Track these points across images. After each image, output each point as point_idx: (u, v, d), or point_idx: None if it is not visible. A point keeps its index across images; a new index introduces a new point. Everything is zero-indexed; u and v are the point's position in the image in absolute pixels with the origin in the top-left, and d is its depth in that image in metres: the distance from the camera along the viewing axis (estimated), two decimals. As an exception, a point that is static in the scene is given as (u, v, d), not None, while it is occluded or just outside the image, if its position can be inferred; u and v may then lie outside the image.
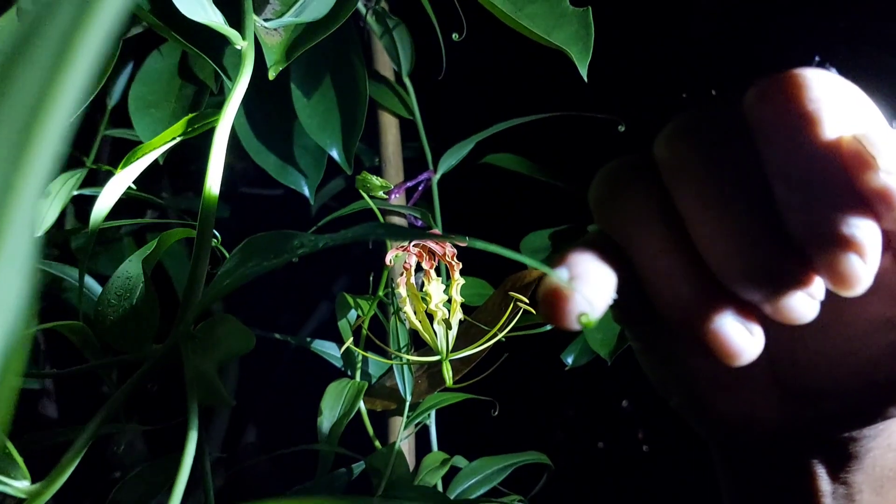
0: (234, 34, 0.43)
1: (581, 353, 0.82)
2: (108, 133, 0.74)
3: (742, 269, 0.25)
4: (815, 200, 0.24)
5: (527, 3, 0.51)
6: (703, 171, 0.26)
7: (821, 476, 0.32)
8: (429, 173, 0.81)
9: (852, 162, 0.24)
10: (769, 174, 0.25)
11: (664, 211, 0.27)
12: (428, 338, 0.57)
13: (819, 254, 0.24)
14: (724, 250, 0.25)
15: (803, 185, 0.25)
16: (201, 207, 0.38)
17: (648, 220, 0.27)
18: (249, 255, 0.31)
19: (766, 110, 0.25)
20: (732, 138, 0.26)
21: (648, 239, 0.27)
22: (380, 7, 0.75)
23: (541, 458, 0.74)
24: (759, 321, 0.26)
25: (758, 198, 0.25)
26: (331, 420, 0.62)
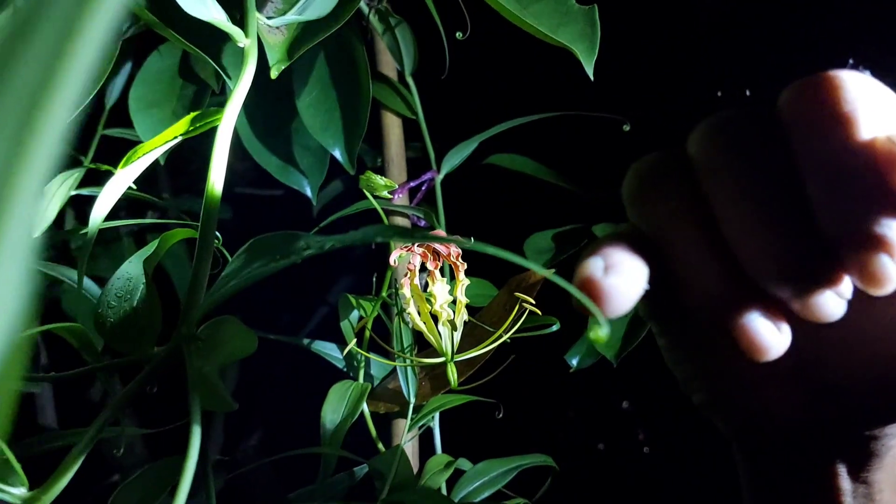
0: (238, 32, 0.42)
1: (586, 355, 0.82)
2: (107, 132, 0.74)
3: (773, 266, 0.25)
4: (847, 200, 0.25)
5: (532, 1, 0.50)
6: (737, 170, 0.26)
7: (841, 475, 0.32)
8: (432, 173, 0.80)
9: (885, 162, 0.24)
10: (803, 173, 0.26)
11: (697, 207, 0.27)
12: (432, 339, 0.57)
13: (850, 252, 0.24)
14: (755, 247, 0.26)
15: (836, 185, 0.25)
16: (203, 208, 0.37)
17: (681, 216, 0.27)
18: (255, 256, 0.30)
19: (801, 111, 0.26)
20: (767, 138, 0.26)
21: (681, 234, 0.27)
22: (382, 6, 0.75)
23: (546, 461, 0.74)
24: (786, 318, 0.26)
25: (790, 197, 0.26)
26: (333, 423, 0.61)
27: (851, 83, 0.25)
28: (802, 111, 0.26)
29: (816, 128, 0.26)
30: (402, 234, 0.26)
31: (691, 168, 0.28)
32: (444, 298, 0.55)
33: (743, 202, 0.26)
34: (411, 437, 0.70)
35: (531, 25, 0.49)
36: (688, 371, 0.33)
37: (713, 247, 0.27)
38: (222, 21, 0.41)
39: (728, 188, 0.26)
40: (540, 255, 0.84)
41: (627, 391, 1.24)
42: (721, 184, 0.27)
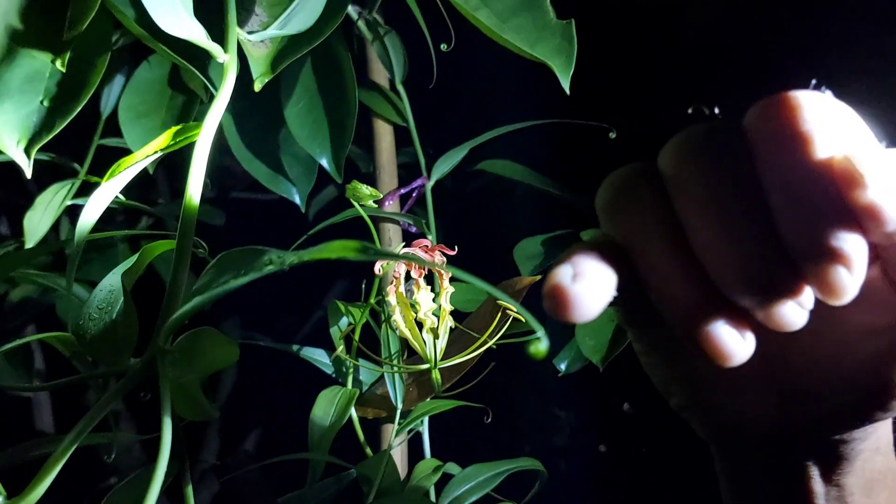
0: (217, 48, 0.43)
1: (574, 360, 0.82)
2: (103, 142, 0.75)
3: (737, 277, 0.26)
4: (807, 215, 0.26)
5: (512, 15, 0.51)
6: (704, 184, 0.27)
7: (814, 477, 0.34)
8: (422, 180, 0.81)
9: (842, 180, 0.25)
10: (766, 189, 0.27)
11: (666, 218, 0.28)
12: (417, 346, 0.57)
13: (809, 265, 0.25)
14: (720, 259, 0.27)
15: (797, 201, 0.26)
16: (181, 220, 0.38)
17: (652, 227, 0.28)
18: (223, 270, 0.31)
19: (763, 129, 0.27)
20: (733, 153, 0.28)
21: (651, 244, 0.28)
22: (371, 17, 0.76)
23: (534, 465, 0.74)
24: (751, 327, 0.27)
25: (754, 211, 0.27)
26: (321, 428, 0.62)
27: (810, 103, 0.26)
28: (764, 129, 0.27)
29: (777, 146, 0.27)
30: (363, 251, 0.27)
31: (661, 181, 0.29)
32: (429, 306, 0.56)
33: (709, 214, 0.27)
34: (400, 443, 0.71)
35: (509, 41, 0.50)
36: (663, 375, 0.35)
37: (681, 257, 0.27)
38: (200, 39, 0.42)
39: (695, 200, 0.27)
40: (529, 260, 0.85)
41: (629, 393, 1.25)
42: (688, 196, 0.28)
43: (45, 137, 0.52)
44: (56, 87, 0.53)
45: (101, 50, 0.54)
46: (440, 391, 0.59)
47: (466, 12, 0.50)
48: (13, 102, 0.53)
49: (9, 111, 0.53)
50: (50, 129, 0.52)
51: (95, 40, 0.54)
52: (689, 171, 0.28)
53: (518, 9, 0.50)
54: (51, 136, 0.52)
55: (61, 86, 0.53)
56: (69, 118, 0.53)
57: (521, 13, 0.50)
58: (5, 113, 0.52)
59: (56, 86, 0.53)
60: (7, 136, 0.52)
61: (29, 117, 0.53)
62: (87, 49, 0.53)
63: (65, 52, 0.47)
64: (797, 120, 0.26)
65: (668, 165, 0.29)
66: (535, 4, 0.50)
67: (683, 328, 0.27)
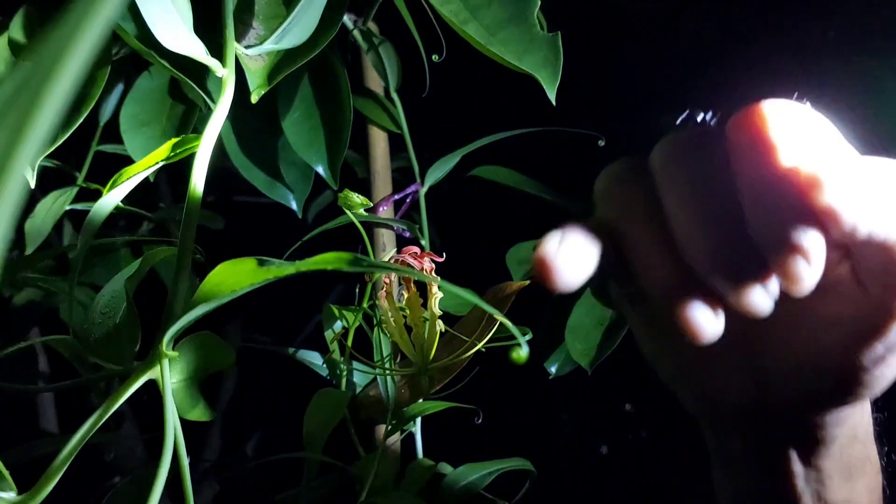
0: (215, 63, 0.45)
1: (564, 363, 0.84)
2: (101, 149, 0.76)
3: (710, 261, 0.29)
4: (773, 214, 0.29)
5: (500, 28, 0.52)
6: (687, 180, 0.31)
7: (793, 459, 0.37)
8: (416, 186, 0.83)
9: (805, 184, 0.28)
10: (739, 189, 0.30)
11: (653, 206, 0.31)
12: (407, 349, 0.59)
13: (774, 256, 0.28)
14: (697, 245, 0.30)
15: (764, 201, 0.29)
16: (181, 229, 0.40)
17: (640, 211, 0.32)
18: (224, 279, 0.33)
19: (738, 137, 0.30)
20: (714, 155, 0.31)
21: (638, 227, 0.32)
22: (365, 27, 0.77)
23: (524, 465, 0.76)
24: (722, 308, 0.30)
25: (729, 207, 0.30)
26: (315, 428, 0.63)
27: (782, 114, 0.30)
28: (739, 136, 0.30)
29: (748, 151, 0.30)
30: (355, 263, 0.28)
31: (651, 173, 0.32)
32: (418, 311, 0.57)
33: (689, 205, 0.30)
34: (392, 443, 0.72)
35: (497, 54, 0.51)
36: (653, 349, 0.38)
37: (663, 241, 0.31)
38: (199, 54, 0.44)
39: (678, 192, 0.31)
40: (521, 265, 0.86)
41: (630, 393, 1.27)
42: (672, 188, 0.31)
43: (46, 150, 0.54)
44: (59, 99, 0.55)
45: (101, 64, 0.56)
46: (431, 393, 0.61)
47: (456, 25, 0.52)
48: (17, 113, 0.55)
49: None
50: (51, 141, 0.54)
51: (95, 55, 0.55)
52: (676, 167, 0.31)
53: (505, 22, 0.51)
54: (52, 148, 0.54)
55: (64, 98, 0.55)
56: (70, 130, 0.55)
57: (509, 26, 0.51)
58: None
59: (59, 98, 0.55)
60: (12, 146, 0.54)
61: (33, 128, 0.54)
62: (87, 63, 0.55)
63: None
64: (767, 129, 0.30)
65: (657, 160, 0.32)
66: (522, 18, 0.52)
67: (662, 304, 0.30)
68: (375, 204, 0.82)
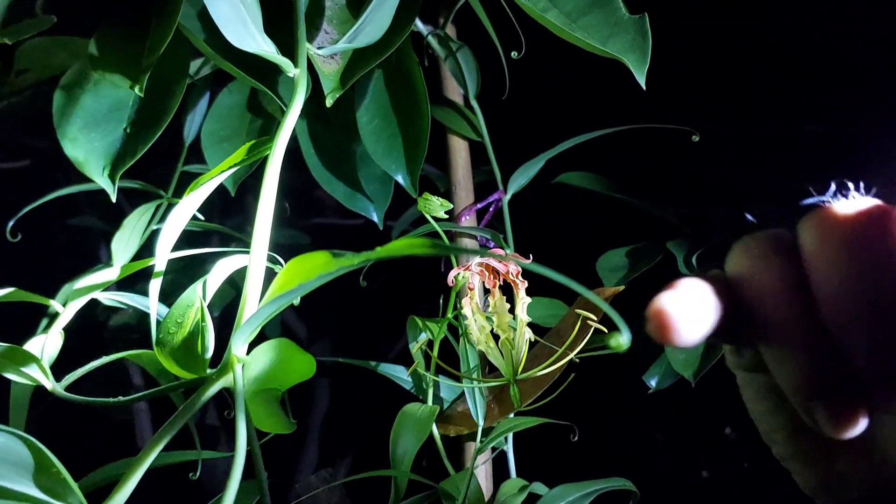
0: (286, 62, 0.44)
1: (665, 375, 0.79)
2: (187, 168, 0.77)
3: (867, 360, 0.27)
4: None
5: (581, 14, 0.50)
6: (845, 266, 0.28)
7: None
8: (499, 194, 0.80)
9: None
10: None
11: (797, 279, 0.29)
12: (495, 359, 0.56)
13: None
14: (852, 339, 0.27)
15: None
16: (254, 231, 0.39)
17: (782, 283, 0.29)
18: (294, 275, 0.31)
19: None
20: (878, 241, 0.28)
21: (779, 299, 0.29)
22: (442, 32, 0.76)
23: (625, 485, 0.71)
24: (867, 405, 0.27)
25: (890, 299, 0.27)
26: (403, 445, 0.61)
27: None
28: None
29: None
30: (433, 247, 0.26)
31: (799, 249, 0.29)
32: (505, 317, 0.54)
33: (845, 294, 0.27)
34: (484, 461, 0.69)
35: (580, 39, 0.48)
36: (769, 424, 0.34)
37: (806, 319, 0.28)
38: (270, 53, 0.42)
39: (833, 280, 0.28)
40: (613, 272, 0.82)
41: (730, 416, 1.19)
42: (827, 274, 0.28)
43: (127, 163, 0.54)
44: (137, 114, 0.55)
45: (179, 77, 0.55)
46: (521, 407, 0.57)
47: (535, 14, 0.49)
48: (100, 131, 0.55)
49: (95, 140, 0.55)
50: (133, 154, 0.54)
51: (173, 69, 0.55)
52: (832, 248, 0.28)
53: (588, 7, 0.48)
54: (133, 161, 0.54)
55: (142, 113, 0.55)
56: (149, 144, 0.55)
57: (592, 11, 0.48)
58: (91, 142, 0.55)
59: (137, 113, 0.55)
60: (94, 164, 0.54)
61: (113, 145, 0.55)
62: (165, 77, 0.55)
63: (143, 77, 0.48)
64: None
65: (809, 237, 0.29)
66: (606, 2, 0.49)
67: (797, 392, 0.28)
68: (458, 214, 0.79)
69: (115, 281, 0.54)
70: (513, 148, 0.82)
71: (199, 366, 0.37)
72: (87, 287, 0.49)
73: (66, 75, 0.57)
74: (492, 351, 0.55)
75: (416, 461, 0.61)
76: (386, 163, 0.68)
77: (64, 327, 0.50)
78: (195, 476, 0.56)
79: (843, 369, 0.28)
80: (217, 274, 0.41)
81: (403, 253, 0.27)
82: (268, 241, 0.39)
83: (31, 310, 0.61)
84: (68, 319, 0.50)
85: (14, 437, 0.30)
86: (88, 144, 0.54)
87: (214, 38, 0.53)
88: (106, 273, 0.52)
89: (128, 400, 0.40)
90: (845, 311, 0.27)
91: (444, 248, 0.24)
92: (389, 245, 0.27)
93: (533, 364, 0.59)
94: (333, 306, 1.24)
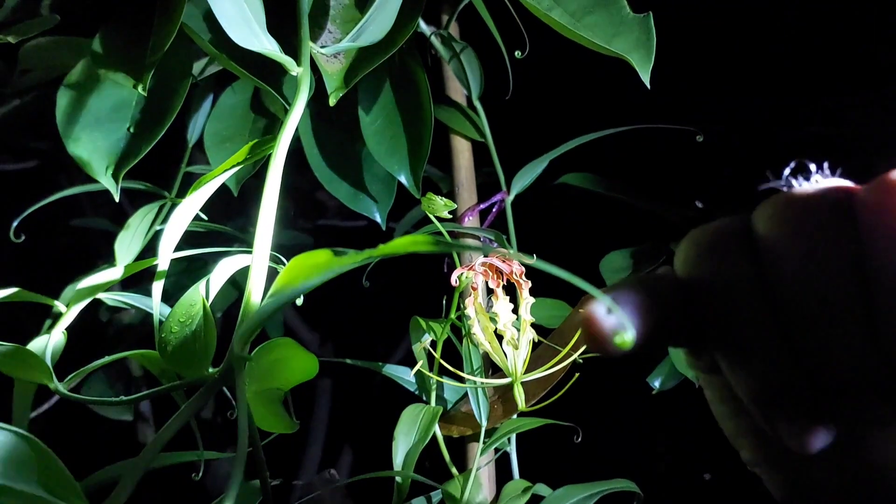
0: (289, 61, 0.43)
1: (669, 376, 0.79)
2: (190, 169, 0.77)
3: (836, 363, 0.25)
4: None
5: (586, 13, 0.49)
6: (806, 256, 0.25)
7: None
8: (502, 194, 0.80)
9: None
10: (872, 274, 0.24)
11: (754, 277, 0.26)
12: (498, 359, 0.56)
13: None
14: (814, 339, 0.25)
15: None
16: (258, 228, 0.38)
17: (736, 280, 0.26)
18: (296, 274, 0.31)
19: (878, 208, 0.24)
20: (842, 229, 0.25)
21: (734, 299, 0.26)
22: (446, 32, 0.76)
23: (629, 486, 0.71)
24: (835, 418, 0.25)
25: (857, 294, 0.24)
26: (406, 446, 0.61)
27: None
28: (881, 207, 0.24)
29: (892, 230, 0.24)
30: (435, 244, 0.26)
31: (755, 238, 0.26)
32: (508, 317, 0.54)
33: (806, 288, 0.25)
34: (487, 462, 0.69)
35: (585, 38, 0.48)
36: (733, 428, 0.32)
37: (765, 323, 0.26)
38: (273, 51, 0.42)
39: (792, 275, 0.25)
40: (617, 273, 0.82)
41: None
42: (785, 263, 0.25)
43: (130, 162, 0.54)
44: (141, 113, 0.55)
45: (182, 77, 0.55)
46: (525, 408, 0.57)
47: (540, 13, 0.49)
48: (103, 131, 0.55)
49: (98, 139, 0.55)
50: (136, 154, 0.54)
51: (177, 68, 0.55)
52: (791, 236, 0.25)
53: (592, 6, 0.48)
54: (136, 160, 0.54)
55: (145, 112, 0.55)
56: (153, 143, 0.55)
57: (596, 10, 0.48)
58: (95, 141, 0.55)
59: (141, 113, 0.55)
60: (97, 163, 0.54)
61: (116, 144, 0.55)
62: (169, 77, 0.55)
63: (146, 76, 0.48)
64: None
65: (765, 224, 0.26)
66: (610, 0, 0.48)
67: (755, 402, 0.26)
68: (461, 214, 0.79)
69: (119, 281, 0.54)
70: (516, 148, 0.82)
71: (201, 365, 0.36)
72: (90, 287, 0.49)
73: (70, 75, 0.57)
74: (495, 351, 0.55)
75: (418, 462, 0.61)
76: (389, 163, 0.67)
77: (67, 327, 0.50)
78: (197, 477, 0.55)
79: (805, 376, 0.25)
80: (220, 273, 0.41)
81: (407, 250, 0.27)
82: (271, 238, 0.39)
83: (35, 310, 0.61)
84: (71, 319, 0.50)
85: (17, 436, 0.30)
86: (92, 144, 0.54)
87: (218, 37, 0.53)
88: (109, 273, 0.52)
89: (130, 399, 0.40)
90: (806, 309, 0.25)
91: (447, 246, 0.24)
92: (393, 242, 0.27)
93: (536, 365, 0.59)
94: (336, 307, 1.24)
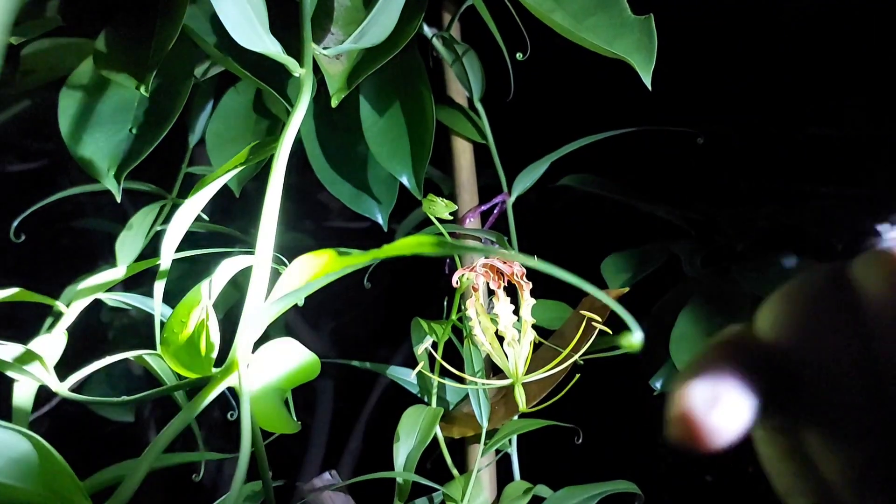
0: (292, 62, 0.44)
1: (670, 378, 0.79)
2: (191, 170, 0.77)
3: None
4: None
5: (587, 15, 0.49)
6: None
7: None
8: (503, 196, 0.80)
9: None
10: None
11: (854, 335, 0.24)
12: (499, 360, 0.56)
13: None
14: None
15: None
16: (260, 230, 0.39)
17: (833, 338, 0.25)
18: (299, 275, 0.31)
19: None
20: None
21: (847, 376, 0.24)
22: (447, 34, 0.76)
23: (629, 488, 0.71)
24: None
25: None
26: (407, 447, 0.61)
27: None
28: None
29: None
30: (439, 246, 0.26)
31: (856, 291, 0.25)
32: (509, 318, 0.54)
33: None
34: (487, 463, 0.69)
35: (586, 40, 0.48)
36: (791, 487, 0.29)
37: (881, 401, 0.24)
38: (276, 52, 0.42)
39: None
40: (618, 275, 0.82)
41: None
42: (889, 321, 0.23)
43: (132, 163, 0.54)
44: (143, 115, 0.55)
45: (185, 77, 0.56)
46: (526, 409, 0.57)
47: (541, 14, 0.49)
48: (105, 132, 0.55)
49: (100, 140, 0.55)
50: (138, 155, 0.54)
51: (179, 70, 0.55)
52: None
53: (593, 8, 0.48)
54: (138, 161, 0.54)
55: (148, 113, 0.55)
56: (155, 144, 0.55)
57: (597, 12, 0.48)
58: (97, 142, 0.55)
59: (143, 114, 0.55)
60: (99, 164, 0.54)
61: (118, 145, 0.55)
62: (171, 78, 0.55)
63: (149, 77, 0.48)
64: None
65: (869, 276, 0.24)
66: (611, 3, 0.49)
67: (856, 489, 0.23)
68: (462, 216, 0.79)
69: (120, 281, 0.54)
70: (517, 150, 0.82)
71: (203, 365, 0.36)
72: (90, 287, 0.49)
73: (72, 76, 0.57)
74: (496, 353, 0.55)
75: (420, 463, 0.61)
76: (390, 164, 0.68)
77: (68, 328, 0.50)
78: (198, 477, 0.55)
79: None
80: (221, 274, 0.41)
81: (412, 251, 0.27)
82: (273, 238, 0.39)
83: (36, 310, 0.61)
84: (72, 319, 0.50)
85: (21, 435, 0.30)
86: (94, 145, 0.54)
87: (221, 38, 0.53)
88: (110, 273, 0.52)
89: (131, 399, 0.40)
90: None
91: (450, 247, 0.24)
92: (397, 243, 0.27)
93: (537, 366, 0.59)
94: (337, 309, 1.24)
